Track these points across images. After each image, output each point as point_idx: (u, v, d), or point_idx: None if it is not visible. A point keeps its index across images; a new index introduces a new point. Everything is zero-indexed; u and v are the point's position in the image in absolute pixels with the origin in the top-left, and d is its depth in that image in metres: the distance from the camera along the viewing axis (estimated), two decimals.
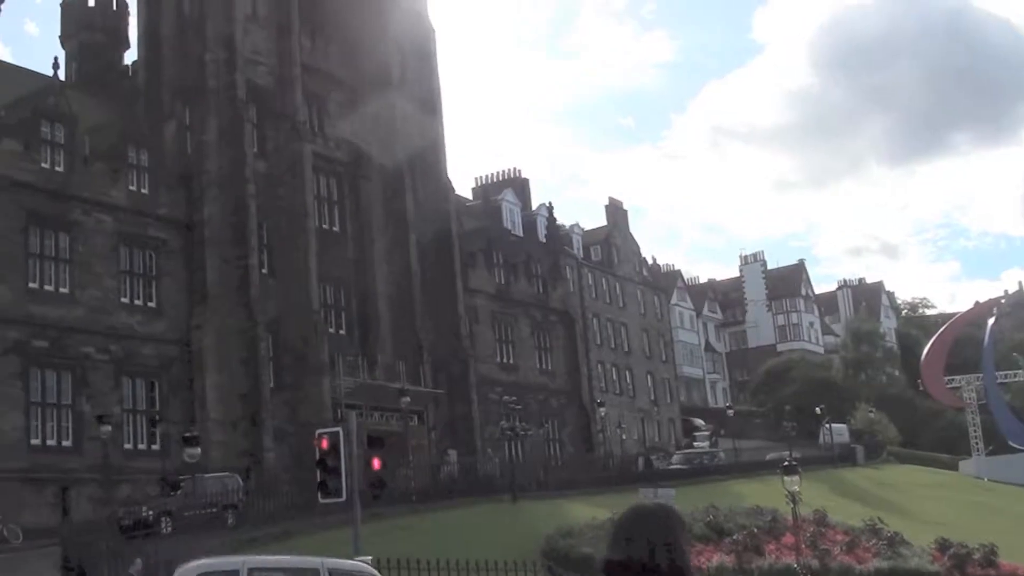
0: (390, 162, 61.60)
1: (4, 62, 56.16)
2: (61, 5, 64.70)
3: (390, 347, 59.50)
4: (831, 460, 75.85)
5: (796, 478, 36.48)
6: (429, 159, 65.08)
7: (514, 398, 66.55)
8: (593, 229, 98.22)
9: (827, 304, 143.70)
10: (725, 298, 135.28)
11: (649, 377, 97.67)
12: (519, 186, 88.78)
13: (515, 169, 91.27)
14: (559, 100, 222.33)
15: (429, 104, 66.22)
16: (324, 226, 58.09)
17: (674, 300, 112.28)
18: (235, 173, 52.41)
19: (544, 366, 75.61)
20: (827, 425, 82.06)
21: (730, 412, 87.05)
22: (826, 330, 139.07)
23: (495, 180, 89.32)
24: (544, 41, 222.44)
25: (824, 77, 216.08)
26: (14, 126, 46.04)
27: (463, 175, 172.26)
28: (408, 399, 53.63)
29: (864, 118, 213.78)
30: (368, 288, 59.57)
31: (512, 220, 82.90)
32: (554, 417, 74.67)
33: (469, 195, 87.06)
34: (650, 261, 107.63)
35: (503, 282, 73.04)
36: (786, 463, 39.42)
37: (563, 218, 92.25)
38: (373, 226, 60.46)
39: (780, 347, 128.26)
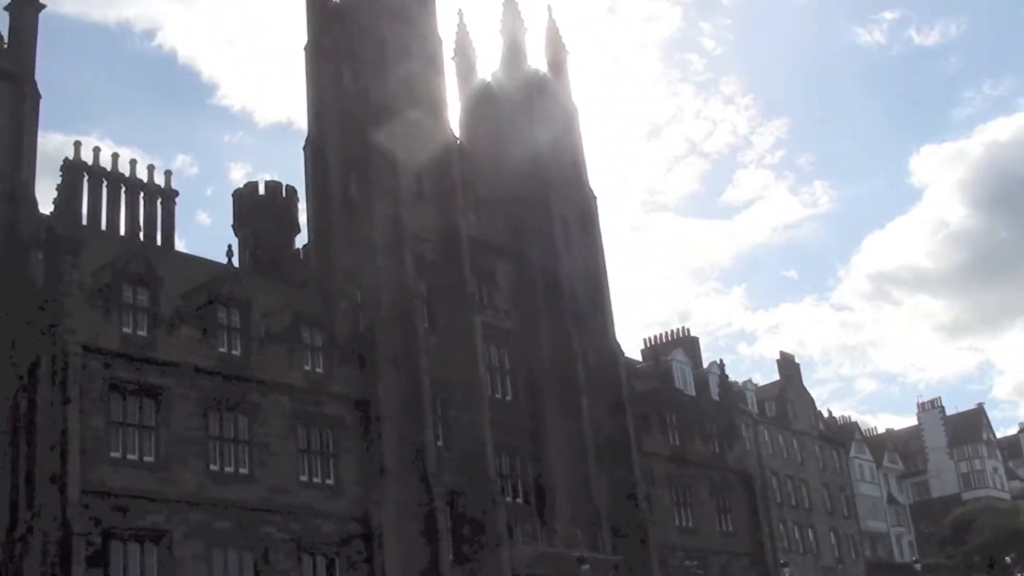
0: (558, 329, 61.89)
1: (180, 252, 58.12)
2: (233, 195, 67.28)
3: (567, 514, 58.86)
4: None
5: None
6: (597, 324, 65.17)
7: (695, 562, 65.01)
8: (766, 384, 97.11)
9: (1010, 448, 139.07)
10: (905, 448, 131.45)
11: (832, 534, 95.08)
12: (689, 345, 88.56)
13: (684, 328, 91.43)
14: (721, 256, 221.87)
15: (594, 270, 66.68)
16: (497, 395, 58.29)
17: (853, 453, 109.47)
18: (407, 348, 53.17)
19: (725, 527, 73.83)
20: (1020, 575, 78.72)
21: (917, 566, 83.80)
22: (1011, 475, 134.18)
23: (664, 341, 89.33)
24: (702, 199, 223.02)
25: (986, 217, 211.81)
26: (192, 313, 47.51)
27: (631, 337, 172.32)
28: (587, 567, 52.86)
29: None
30: (542, 455, 59.31)
31: (684, 380, 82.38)
32: None
33: (638, 356, 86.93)
34: (825, 414, 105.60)
35: (678, 443, 72.06)
36: None
37: (735, 375, 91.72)
38: (545, 393, 60.48)
39: (965, 495, 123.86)
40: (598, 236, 68.31)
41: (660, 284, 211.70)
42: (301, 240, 64.21)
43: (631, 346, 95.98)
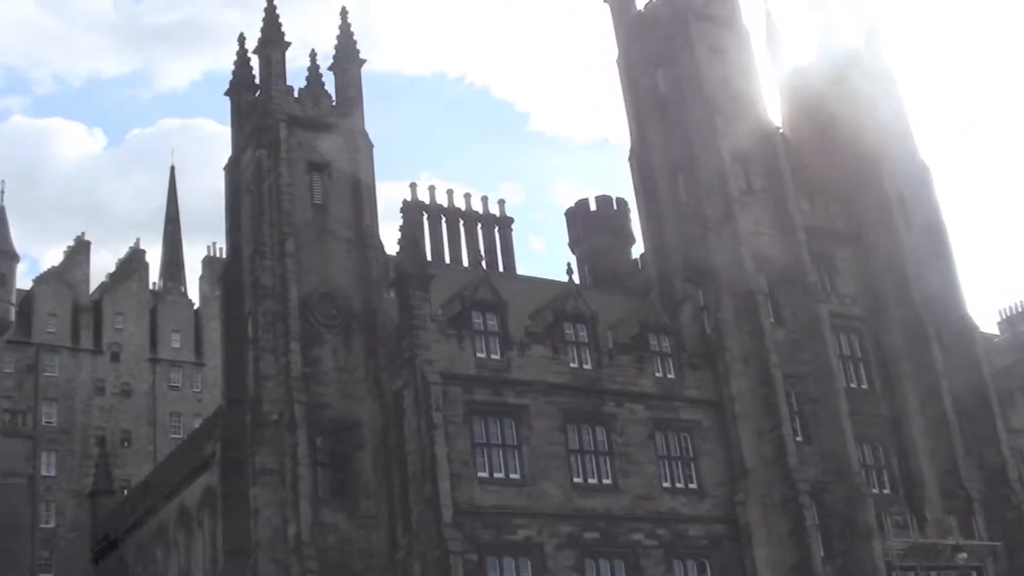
0: (908, 309, 59.77)
1: (521, 275, 59.63)
2: (565, 214, 68.67)
3: (937, 501, 56.73)
4: None
5: None
6: (948, 300, 62.34)
7: None
8: None
9: None
10: None
11: None
12: None
13: None
14: None
15: (938, 243, 63.81)
16: (851, 385, 56.79)
17: None
18: (756, 345, 52.74)
19: None
20: None
21: None
22: None
23: (1021, 310, 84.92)
24: None
25: None
26: (541, 333, 49.17)
27: (984, 309, 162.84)
28: (965, 555, 51.12)
29: None
30: (905, 443, 57.36)
31: None
32: None
33: (995, 329, 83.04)
34: None
35: None
36: None
37: None
38: (902, 379, 58.47)
39: None
40: (937, 208, 65.45)
41: (1007, 250, 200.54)
42: (637, 250, 64.83)
43: (986, 320, 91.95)
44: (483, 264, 55.32)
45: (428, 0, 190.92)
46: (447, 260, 57.28)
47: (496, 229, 60.60)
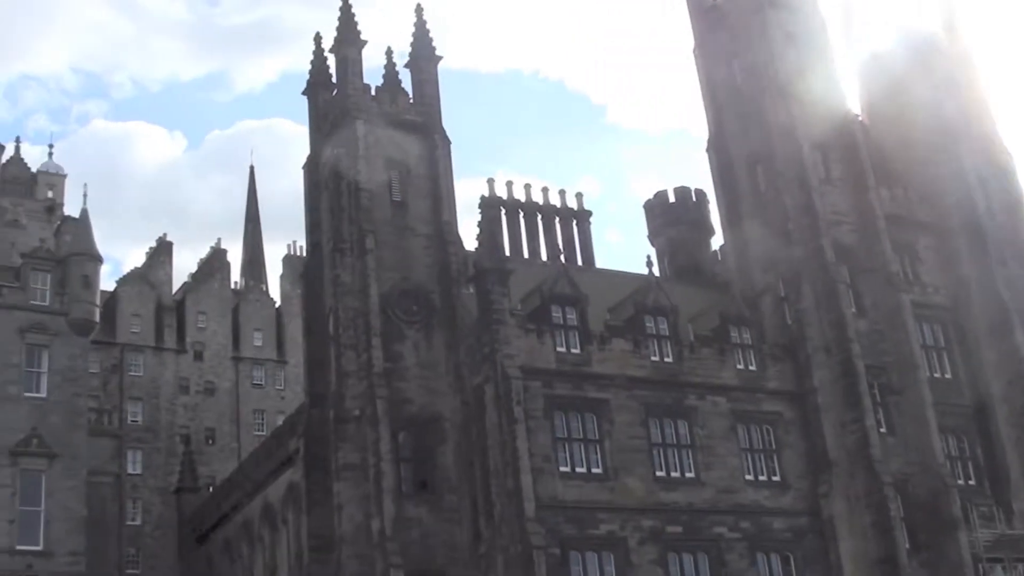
0: (991, 296, 58.75)
1: (600, 269, 59.38)
2: (644, 206, 68.10)
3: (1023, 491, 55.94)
4: None
5: None
6: None
7: None
8: None
9: None
10: None
11: None
12: None
13: None
14: None
15: (1021, 228, 62.82)
16: (935, 374, 56.06)
17: None
18: (837, 335, 52.21)
19: None
20: None
21: None
22: None
23: None
24: None
25: None
26: (621, 326, 49.12)
27: None
28: None
29: None
30: (990, 432, 56.53)
31: None
32: None
33: None
34: None
35: None
36: None
37: None
38: (985, 367, 57.53)
39: None
40: (1019, 193, 63.56)
41: None
42: (717, 241, 64.47)
43: None
44: (562, 258, 55.27)
45: None
46: (526, 255, 57.15)
47: (574, 223, 60.43)
